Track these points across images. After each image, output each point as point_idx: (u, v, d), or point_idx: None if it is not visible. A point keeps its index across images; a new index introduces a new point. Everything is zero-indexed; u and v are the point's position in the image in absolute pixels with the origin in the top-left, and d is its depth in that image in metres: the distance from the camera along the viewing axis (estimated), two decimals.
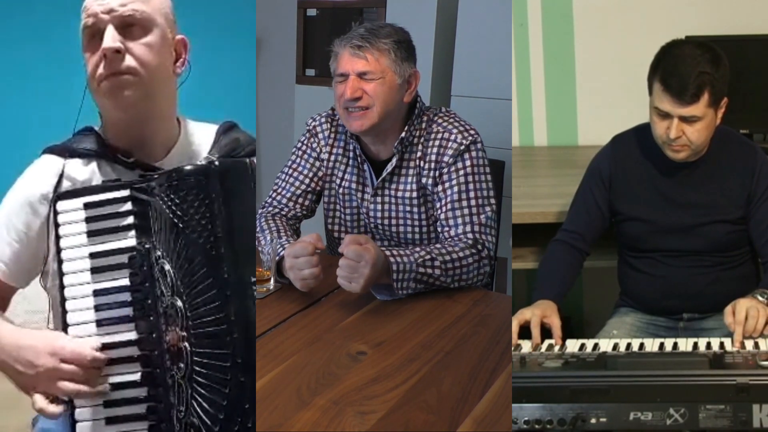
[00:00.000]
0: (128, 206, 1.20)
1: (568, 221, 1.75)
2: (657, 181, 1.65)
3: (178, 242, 1.11)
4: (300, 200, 1.98)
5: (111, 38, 1.24)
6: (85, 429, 1.14)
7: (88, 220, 1.21)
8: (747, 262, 1.69)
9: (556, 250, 1.72)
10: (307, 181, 1.98)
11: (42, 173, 1.34)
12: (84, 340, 1.15)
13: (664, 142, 1.57)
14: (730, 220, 1.63)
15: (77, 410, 1.15)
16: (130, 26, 1.28)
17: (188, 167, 1.14)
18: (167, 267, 1.12)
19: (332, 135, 1.96)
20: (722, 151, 1.63)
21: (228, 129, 1.45)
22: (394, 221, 1.92)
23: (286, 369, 1.32)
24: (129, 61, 1.26)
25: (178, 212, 1.11)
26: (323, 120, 1.98)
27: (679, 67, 1.51)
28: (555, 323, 1.51)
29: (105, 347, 1.15)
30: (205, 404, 1.08)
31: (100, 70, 1.26)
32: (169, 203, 1.12)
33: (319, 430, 1.14)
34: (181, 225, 1.11)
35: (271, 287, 1.67)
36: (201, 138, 1.44)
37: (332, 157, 1.96)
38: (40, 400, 1.13)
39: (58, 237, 1.20)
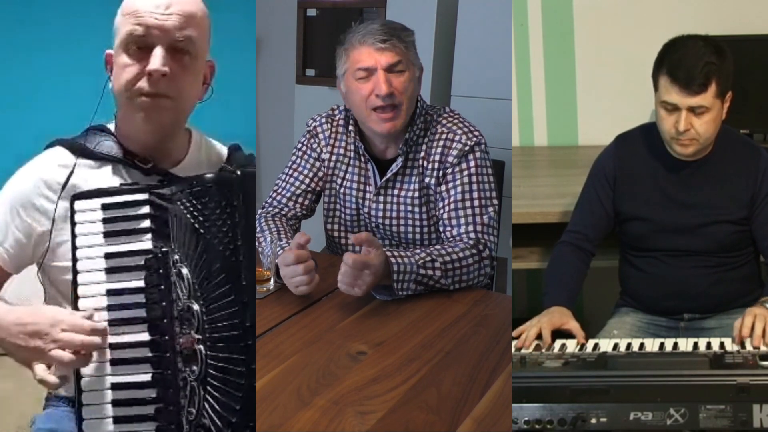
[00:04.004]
0: (146, 210, 1.21)
1: (573, 222, 1.75)
2: (661, 180, 1.65)
3: (198, 247, 1.13)
4: (300, 200, 1.98)
5: (160, 61, 1.26)
6: (91, 427, 1.15)
7: (105, 221, 1.21)
8: (749, 262, 1.69)
9: (563, 253, 1.71)
10: (307, 181, 1.98)
11: (52, 166, 1.33)
12: (80, 313, 1.15)
13: (672, 137, 1.56)
14: (733, 220, 1.62)
15: (84, 408, 1.15)
16: (178, 51, 1.29)
17: (210, 175, 1.16)
18: (185, 271, 1.14)
19: (333, 135, 1.96)
20: (726, 151, 1.63)
21: (239, 148, 1.51)
22: (395, 221, 1.92)
23: (286, 369, 1.32)
24: (170, 85, 1.28)
25: (200, 218, 1.14)
26: (323, 120, 1.98)
27: (685, 59, 1.51)
28: (574, 326, 1.51)
29: (115, 347, 1.16)
30: (217, 407, 1.09)
31: (141, 84, 1.27)
32: (191, 208, 1.14)
33: (319, 430, 1.14)
34: (202, 230, 1.13)
35: (271, 287, 1.67)
36: (211, 151, 1.49)
37: (333, 157, 1.96)
38: (41, 371, 1.13)
39: (74, 235, 1.21)
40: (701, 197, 1.63)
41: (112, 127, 1.40)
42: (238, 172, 1.17)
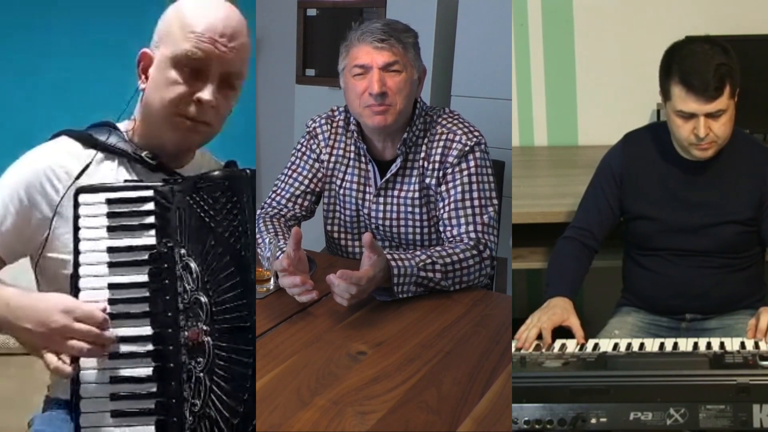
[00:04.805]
0: (150, 206, 1.21)
1: (578, 218, 1.74)
2: (668, 180, 1.65)
3: (208, 241, 1.16)
4: (299, 201, 1.98)
5: (211, 93, 1.28)
6: (88, 421, 1.14)
7: (109, 215, 1.21)
8: (754, 264, 1.69)
9: (567, 247, 1.71)
10: (306, 182, 1.98)
11: (61, 155, 1.31)
12: (93, 303, 1.15)
13: (692, 143, 1.55)
14: (740, 221, 1.62)
15: (82, 401, 1.14)
16: (227, 81, 1.31)
17: (217, 172, 1.20)
18: (193, 264, 1.16)
19: (332, 136, 1.96)
20: (734, 151, 1.62)
21: (236, 164, 1.49)
22: (395, 222, 1.92)
23: (286, 369, 1.32)
24: (213, 114, 1.30)
25: (211, 212, 1.17)
26: (323, 121, 1.98)
27: (696, 64, 1.49)
28: (574, 323, 1.51)
29: (117, 341, 1.16)
30: (224, 397, 1.11)
31: (188, 108, 1.28)
32: (201, 203, 1.17)
33: (319, 430, 1.14)
34: (212, 224, 1.16)
35: (271, 287, 1.67)
36: (211, 161, 1.52)
37: (332, 158, 1.96)
38: (54, 359, 1.11)
39: (77, 228, 1.20)
40: (708, 197, 1.62)
41: (121, 126, 1.39)
42: (248, 171, 1.21)
